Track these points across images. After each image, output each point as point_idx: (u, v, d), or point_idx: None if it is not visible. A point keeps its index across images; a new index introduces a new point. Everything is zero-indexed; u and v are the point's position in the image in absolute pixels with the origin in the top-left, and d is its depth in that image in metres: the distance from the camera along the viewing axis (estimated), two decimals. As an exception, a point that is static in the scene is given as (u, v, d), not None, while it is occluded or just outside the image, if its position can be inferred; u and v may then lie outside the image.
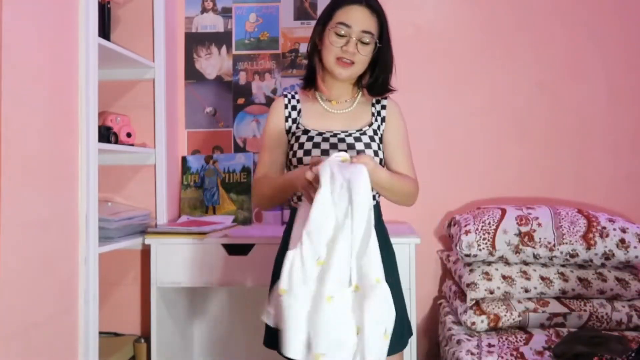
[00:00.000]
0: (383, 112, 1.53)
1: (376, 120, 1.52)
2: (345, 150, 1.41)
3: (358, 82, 1.54)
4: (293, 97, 1.55)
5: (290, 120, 1.52)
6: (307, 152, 1.44)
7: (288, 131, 1.52)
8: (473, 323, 1.90)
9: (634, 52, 2.37)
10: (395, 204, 1.45)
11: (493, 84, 2.39)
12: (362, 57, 1.43)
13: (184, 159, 2.45)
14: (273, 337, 1.39)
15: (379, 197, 1.51)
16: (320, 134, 1.46)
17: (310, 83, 1.53)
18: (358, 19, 1.42)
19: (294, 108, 1.53)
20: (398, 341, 1.39)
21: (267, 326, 1.43)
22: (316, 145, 1.44)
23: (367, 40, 1.42)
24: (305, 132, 1.47)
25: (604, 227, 2.00)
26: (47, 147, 1.52)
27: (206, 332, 2.49)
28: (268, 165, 1.52)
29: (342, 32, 1.41)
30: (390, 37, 1.49)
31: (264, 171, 1.51)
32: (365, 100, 1.54)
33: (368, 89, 1.52)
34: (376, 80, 1.50)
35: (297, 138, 1.47)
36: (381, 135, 1.50)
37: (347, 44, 1.41)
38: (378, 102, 1.54)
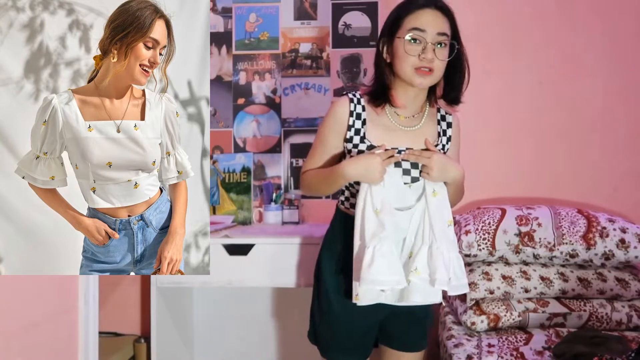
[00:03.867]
0: (449, 132, 1.51)
1: (441, 140, 1.50)
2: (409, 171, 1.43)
3: (430, 95, 1.48)
4: (359, 102, 1.46)
5: (353, 130, 1.45)
6: None
7: (348, 140, 1.46)
8: (473, 323, 1.90)
9: (635, 52, 2.37)
10: None
11: (493, 84, 2.39)
12: (441, 62, 1.37)
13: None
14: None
15: None
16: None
17: (380, 97, 1.45)
18: (431, 22, 1.36)
19: (358, 117, 1.45)
20: (422, 340, 1.59)
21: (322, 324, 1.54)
22: None
23: (444, 43, 1.37)
24: (370, 147, 1.42)
25: (604, 227, 2.00)
26: (47, 147, 1.52)
27: (206, 332, 2.49)
28: (317, 165, 1.50)
29: (417, 39, 1.35)
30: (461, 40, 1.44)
31: (312, 168, 1.50)
32: (431, 116, 1.50)
33: (445, 98, 1.47)
34: (453, 88, 1.45)
35: (360, 152, 1.43)
36: (444, 153, 1.49)
37: (424, 51, 1.34)
38: (443, 118, 1.51)
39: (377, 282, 1.31)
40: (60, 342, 1.57)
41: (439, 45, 1.36)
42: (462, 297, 2.03)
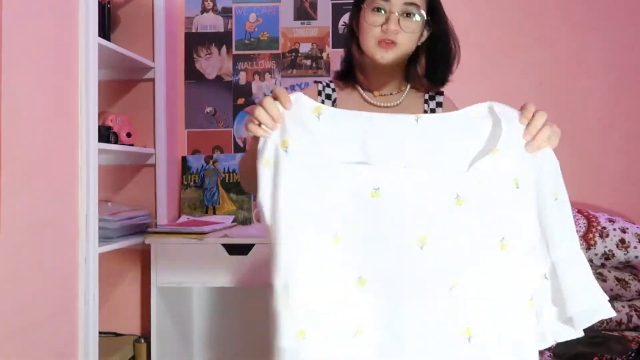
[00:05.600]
0: (439, 112, 1.28)
1: None
2: None
3: (407, 75, 1.25)
4: (328, 85, 1.30)
5: None
6: None
7: None
8: (473, 323, 1.90)
9: (635, 52, 2.37)
10: None
11: (493, 84, 2.39)
12: (407, 35, 1.16)
13: (184, 159, 2.45)
14: None
15: None
16: None
17: (348, 76, 1.27)
18: None
19: (328, 97, 1.28)
20: None
21: None
22: None
23: (412, 13, 1.15)
24: None
25: (604, 227, 2.00)
26: (47, 147, 1.52)
27: (206, 332, 2.49)
28: None
29: (380, 7, 1.15)
30: (446, 16, 1.23)
31: None
32: (416, 94, 1.29)
33: (429, 79, 1.24)
34: (435, 70, 1.23)
35: None
36: None
37: (388, 22, 1.14)
38: (432, 97, 1.29)
39: None
40: (60, 342, 1.57)
41: (406, 16, 1.15)
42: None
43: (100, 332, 1.76)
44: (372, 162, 0.90)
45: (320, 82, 1.31)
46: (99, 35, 1.77)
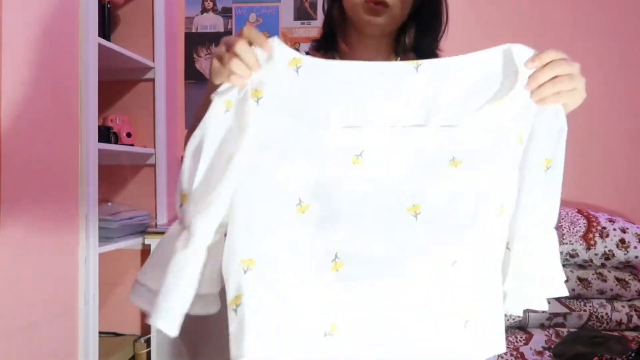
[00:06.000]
0: None
1: None
2: None
3: (396, 45, 1.05)
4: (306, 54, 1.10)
5: None
6: None
7: None
8: (473, 323, 1.90)
9: (635, 52, 2.37)
10: None
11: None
12: None
13: (184, 159, 2.44)
14: None
15: None
16: None
17: (328, 46, 1.06)
18: None
19: None
20: None
21: None
22: None
23: None
24: None
25: (604, 227, 2.00)
26: (47, 147, 1.52)
27: (206, 332, 2.49)
28: None
29: None
30: None
31: None
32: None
33: (417, 50, 1.03)
34: (422, 39, 1.03)
35: None
36: None
37: None
38: None
39: None
40: (60, 342, 1.57)
41: None
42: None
43: (100, 332, 1.76)
44: (359, 124, 0.75)
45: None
46: (99, 35, 1.77)
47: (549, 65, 0.79)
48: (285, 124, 0.74)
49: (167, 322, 0.69)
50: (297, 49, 0.83)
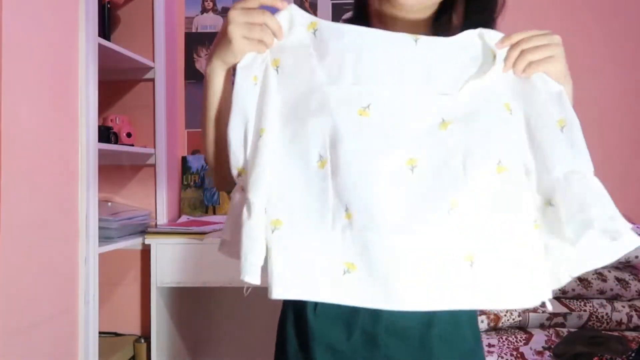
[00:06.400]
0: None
1: None
2: None
3: (439, 26, 0.93)
4: None
5: None
6: None
7: None
8: (473, 323, 1.90)
9: (635, 52, 2.37)
10: None
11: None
12: None
13: (184, 159, 2.45)
14: None
15: None
16: None
17: (359, 24, 0.89)
18: None
19: None
20: None
21: None
22: None
23: None
24: None
25: (604, 227, 2.00)
26: (47, 147, 1.52)
27: (206, 332, 2.49)
28: None
29: None
30: None
31: None
32: None
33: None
34: (474, 17, 0.91)
35: None
36: None
37: None
38: None
39: None
40: (60, 342, 1.57)
41: None
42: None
43: (100, 332, 1.76)
44: (362, 84, 0.80)
45: None
46: (99, 35, 1.77)
47: (518, 43, 0.82)
48: (301, 85, 0.80)
49: (252, 276, 0.85)
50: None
